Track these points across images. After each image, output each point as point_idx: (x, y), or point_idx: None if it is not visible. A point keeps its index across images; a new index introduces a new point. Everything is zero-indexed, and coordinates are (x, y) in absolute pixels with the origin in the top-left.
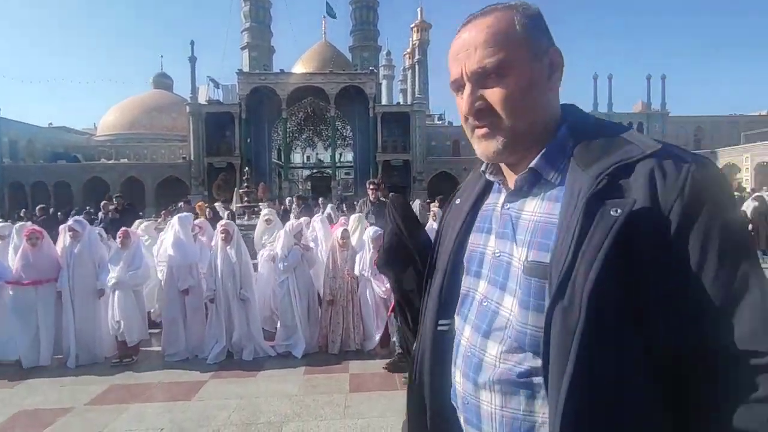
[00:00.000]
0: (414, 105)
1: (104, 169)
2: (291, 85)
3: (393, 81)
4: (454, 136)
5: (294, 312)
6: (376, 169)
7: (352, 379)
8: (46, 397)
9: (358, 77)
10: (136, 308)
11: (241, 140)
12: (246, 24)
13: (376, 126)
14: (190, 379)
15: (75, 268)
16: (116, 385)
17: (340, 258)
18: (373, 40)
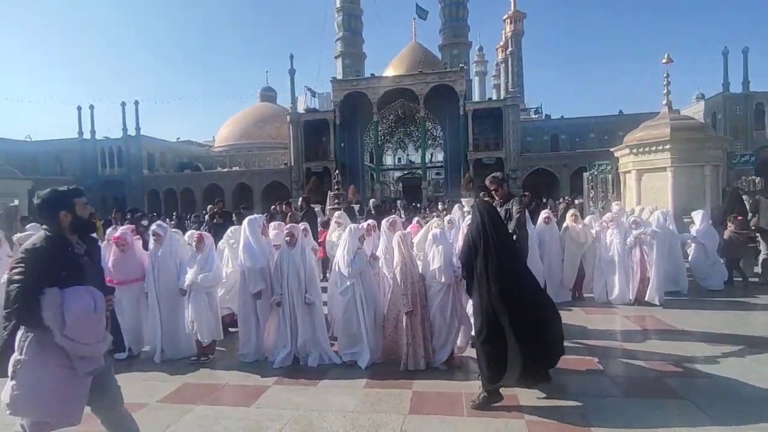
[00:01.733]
0: (507, 99)
1: (220, 176)
2: (381, 89)
3: (486, 77)
4: (552, 130)
5: (359, 320)
6: (467, 168)
7: (414, 397)
8: (129, 390)
9: (448, 75)
10: (209, 309)
11: (335, 145)
12: (339, 34)
13: (467, 124)
14: (254, 383)
15: (159, 270)
16: (188, 384)
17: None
18: (463, 36)
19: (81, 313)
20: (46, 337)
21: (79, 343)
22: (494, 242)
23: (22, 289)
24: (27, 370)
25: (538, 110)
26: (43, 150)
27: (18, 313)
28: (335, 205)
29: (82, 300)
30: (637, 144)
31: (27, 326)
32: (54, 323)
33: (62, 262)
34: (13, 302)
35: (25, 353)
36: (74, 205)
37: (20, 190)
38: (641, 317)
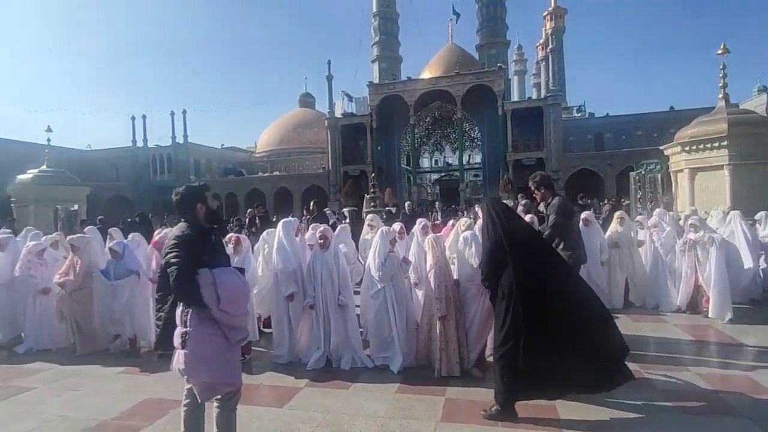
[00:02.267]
0: (548, 98)
1: (261, 181)
2: (417, 91)
3: (525, 76)
4: (596, 128)
5: (391, 324)
6: (506, 169)
7: (446, 404)
8: (170, 387)
9: (486, 76)
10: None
11: (372, 148)
12: (375, 38)
13: (506, 124)
14: (287, 384)
15: None
16: None
17: (445, 266)
18: (501, 35)
19: (233, 289)
20: (203, 311)
21: (232, 315)
22: (516, 243)
23: (180, 271)
24: (193, 340)
25: (580, 108)
26: (101, 158)
27: (180, 292)
28: (371, 208)
29: (231, 278)
30: (689, 141)
31: (187, 303)
32: (210, 299)
33: (205, 247)
34: (174, 283)
35: (189, 326)
36: (206, 198)
37: (80, 196)
38: (695, 327)
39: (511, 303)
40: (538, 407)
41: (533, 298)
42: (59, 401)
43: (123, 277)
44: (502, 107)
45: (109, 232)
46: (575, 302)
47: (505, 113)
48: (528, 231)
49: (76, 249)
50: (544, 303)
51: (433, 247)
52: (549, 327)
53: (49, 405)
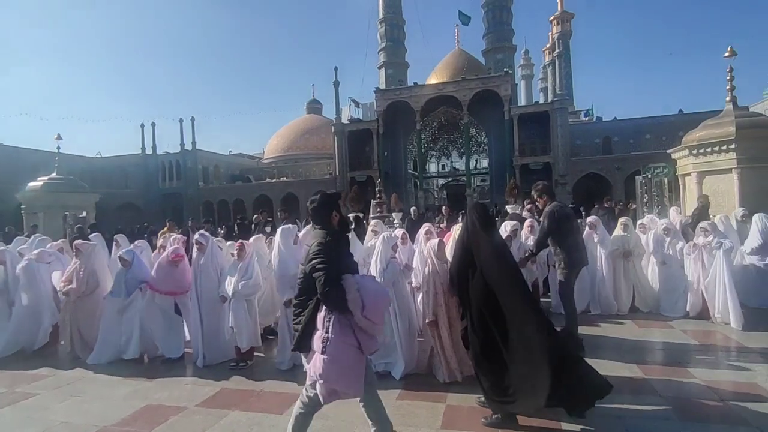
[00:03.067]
0: (555, 102)
1: (269, 187)
2: (424, 97)
3: (532, 80)
4: (603, 132)
5: (393, 330)
6: (513, 174)
7: (447, 411)
8: (171, 393)
9: (492, 80)
10: (248, 316)
11: (379, 154)
12: (382, 44)
13: (512, 129)
14: (288, 390)
15: (201, 277)
16: (226, 389)
17: (441, 272)
18: (507, 40)
19: (376, 296)
20: (345, 318)
21: (373, 323)
22: (483, 252)
23: (329, 275)
24: (333, 346)
25: (588, 112)
26: (111, 165)
27: (329, 297)
28: (377, 213)
29: (373, 285)
30: (697, 144)
31: (333, 308)
32: (355, 305)
33: (344, 253)
34: (323, 287)
35: (330, 332)
36: (339, 205)
37: (89, 203)
38: (702, 333)
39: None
40: (541, 414)
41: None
42: (62, 407)
43: (134, 287)
44: (509, 112)
45: (115, 239)
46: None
47: (512, 118)
48: (496, 242)
49: (80, 253)
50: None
51: (431, 254)
52: (501, 338)
53: (52, 411)
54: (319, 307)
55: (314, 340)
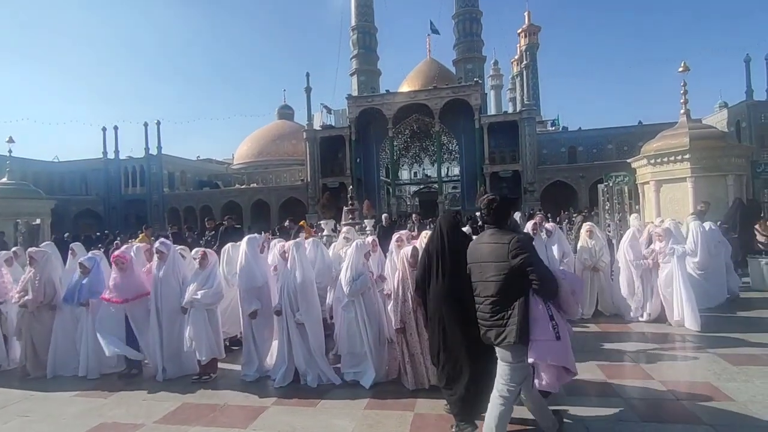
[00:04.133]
0: (522, 112)
1: (238, 193)
2: (396, 104)
3: (501, 90)
4: (569, 142)
5: (362, 338)
6: (483, 181)
7: (415, 419)
8: (128, 410)
9: (462, 90)
10: (208, 326)
11: (351, 160)
12: (354, 51)
13: (483, 137)
14: (253, 403)
15: (162, 287)
16: (187, 404)
17: (411, 279)
18: (477, 51)
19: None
20: (554, 305)
21: (577, 306)
22: (447, 261)
23: (545, 268)
24: (562, 331)
25: (554, 122)
26: (69, 170)
27: (550, 287)
28: (349, 220)
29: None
30: (654, 154)
31: (552, 297)
32: (567, 293)
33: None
34: (544, 279)
35: (555, 318)
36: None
37: (44, 210)
38: (660, 335)
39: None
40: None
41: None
42: (6, 429)
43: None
44: (479, 121)
45: (71, 247)
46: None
47: (482, 127)
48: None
49: (35, 262)
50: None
51: (403, 260)
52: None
53: None
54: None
55: (535, 330)
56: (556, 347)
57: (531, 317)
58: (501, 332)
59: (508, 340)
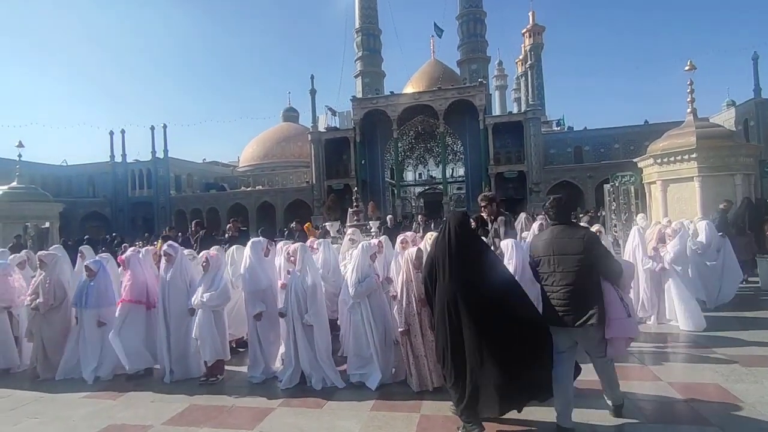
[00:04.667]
0: (528, 112)
1: (244, 195)
2: (401, 106)
3: (506, 91)
4: (575, 141)
5: (368, 340)
6: (488, 182)
7: (421, 421)
8: (136, 412)
9: (467, 91)
10: (213, 328)
11: (356, 162)
12: (359, 53)
13: (488, 138)
14: (259, 405)
15: (170, 289)
16: (195, 405)
17: (415, 281)
18: (481, 51)
19: (629, 270)
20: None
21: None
22: (455, 260)
23: (612, 256)
24: (631, 309)
25: (560, 122)
26: (77, 173)
27: (620, 273)
28: (354, 222)
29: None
30: (661, 154)
31: (617, 282)
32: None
33: None
34: (617, 267)
35: (623, 299)
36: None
37: (52, 213)
38: (668, 336)
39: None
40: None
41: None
42: (16, 430)
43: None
44: (484, 121)
45: (80, 250)
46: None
47: (487, 127)
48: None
49: (45, 265)
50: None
51: (408, 262)
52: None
53: None
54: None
55: (611, 311)
56: (628, 323)
57: (606, 300)
58: (582, 315)
59: (592, 321)
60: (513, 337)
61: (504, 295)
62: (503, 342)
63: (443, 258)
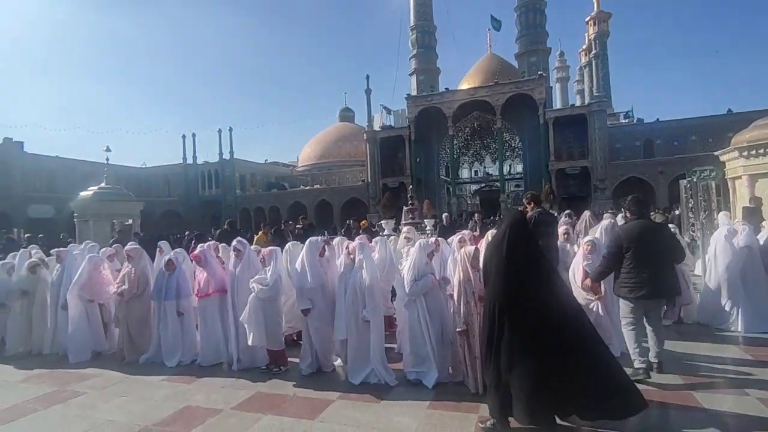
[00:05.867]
0: (592, 105)
1: (302, 194)
2: (456, 102)
3: (568, 83)
4: (645, 134)
5: (425, 338)
6: (548, 179)
7: (479, 420)
8: (209, 396)
9: (526, 84)
10: (260, 316)
11: (411, 160)
12: (413, 51)
13: (548, 133)
14: (319, 396)
15: (238, 282)
16: (260, 393)
17: (473, 280)
18: (541, 43)
19: None
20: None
21: None
22: (508, 260)
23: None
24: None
25: (628, 114)
26: (154, 175)
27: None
28: (409, 220)
29: None
30: (748, 146)
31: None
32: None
33: None
34: (680, 248)
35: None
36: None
37: (134, 211)
38: (755, 345)
39: (495, 318)
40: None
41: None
42: (107, 406)
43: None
44: (544, 116)
45: (159, 245)
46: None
47: (547, 122)
48: (531, 251)
49: (131, 258)
50: (535, 323)
51: (465, 260)
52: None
53: (99, 410)
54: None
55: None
56: (687, 294)
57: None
58: (662, 291)
59: (674, 293)
60: (558, 350)
61: (557, 308)
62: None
63: (496, 259)
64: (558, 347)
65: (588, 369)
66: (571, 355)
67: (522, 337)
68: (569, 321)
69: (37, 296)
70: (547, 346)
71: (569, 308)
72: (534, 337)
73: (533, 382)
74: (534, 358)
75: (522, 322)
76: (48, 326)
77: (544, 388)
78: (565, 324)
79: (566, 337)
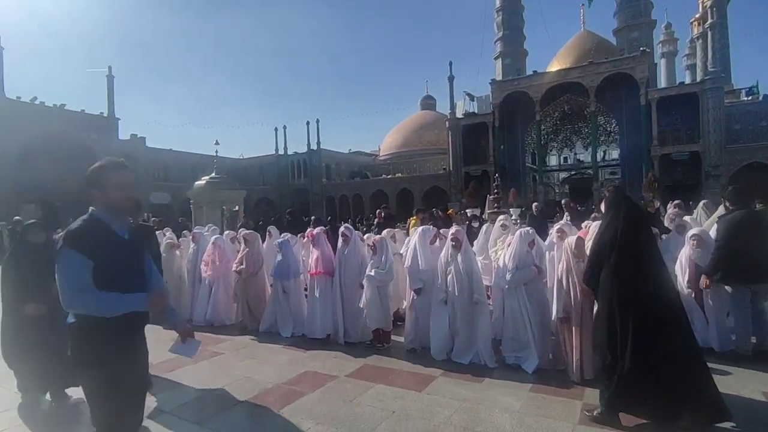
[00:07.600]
0: (706, 81)
1: (384, 183)
2: (544, 86)
3: (675, 58)
4: None
5: (526, 326)
6: (650, 165)
7: (584, 408)
8: (323, 364)
9: (625, 62)
10: (378, 300)
11: (494, 148)
12: (499, 33)
13: (650, 115)
14: (423, 372)
15: (345, 265)
16: (368, 365)
17: (575, 269)
18: (644, 15)
19: None
20: None
21: None
22: (624, 253)
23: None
24: None
25: (752, 90)
26: (250, 165)
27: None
28: (494, 209)
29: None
30: None
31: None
32: None
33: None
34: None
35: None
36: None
37: (239, 198)
38: None
39: (614, 310)
40: None
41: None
42: (242, 366)
43: (286, 271)
44: (646, 96)
45: (268, 230)
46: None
47: (649, 102)
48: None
49: (248, 242)
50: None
51: (568, 251)
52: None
53: (236, 368)
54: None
55: None
56: None
57: None
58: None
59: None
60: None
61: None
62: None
63: (609, 249)
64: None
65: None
66: (675, 353)
67: (645, 331)
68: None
69: (174, 272)
70: (660, 342)
71: (676, 304)
72: (654, 332)
73: (648, 378)
74: (653, 354)
75: (645, 314)
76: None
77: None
78: (670, 319)
79: (670, 333)
